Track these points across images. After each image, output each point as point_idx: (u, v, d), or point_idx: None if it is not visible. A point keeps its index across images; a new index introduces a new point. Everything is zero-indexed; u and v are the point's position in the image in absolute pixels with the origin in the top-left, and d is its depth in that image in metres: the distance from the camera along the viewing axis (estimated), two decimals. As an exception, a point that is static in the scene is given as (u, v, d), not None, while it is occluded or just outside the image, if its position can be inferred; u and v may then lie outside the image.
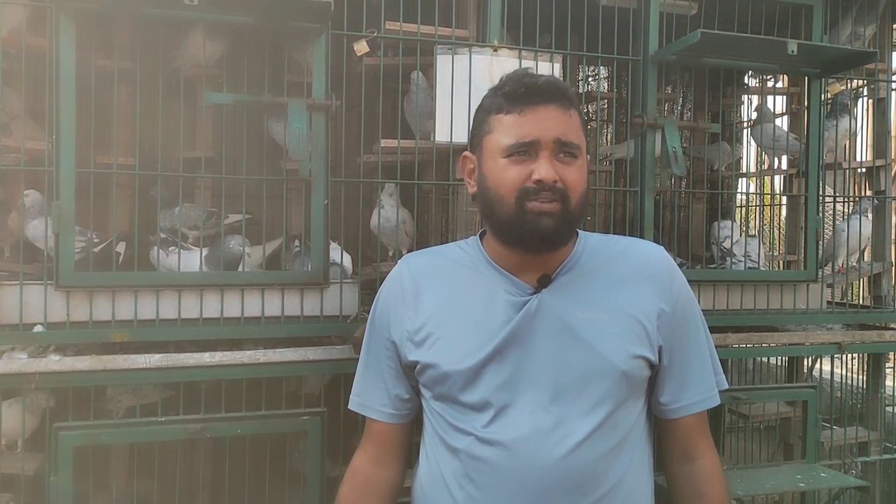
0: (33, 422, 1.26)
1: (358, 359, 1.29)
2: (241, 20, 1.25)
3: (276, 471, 1.35)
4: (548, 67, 1.40)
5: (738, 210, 2.02)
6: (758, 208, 2.04)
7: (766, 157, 1.85)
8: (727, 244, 1.66)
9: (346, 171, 1.44)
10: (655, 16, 1.43)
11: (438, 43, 1.36)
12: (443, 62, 1.35)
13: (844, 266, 1.65)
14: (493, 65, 1.37)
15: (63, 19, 1.16)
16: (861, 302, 1.79)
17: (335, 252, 1.36)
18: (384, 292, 0.87)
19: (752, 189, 2.13)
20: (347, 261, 1.36)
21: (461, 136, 1.36)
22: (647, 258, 0.82)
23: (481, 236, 0.86)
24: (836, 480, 1.44)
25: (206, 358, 1.23)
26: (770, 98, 1.97)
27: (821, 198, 1.60)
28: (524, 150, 0.75)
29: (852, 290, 1.81)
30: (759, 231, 1.95)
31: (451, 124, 1.34)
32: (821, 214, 1.54)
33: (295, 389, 1.53)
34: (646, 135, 1.45)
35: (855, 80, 1.71)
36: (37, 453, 1.28)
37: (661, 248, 0.85)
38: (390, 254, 1.45)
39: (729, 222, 1.74)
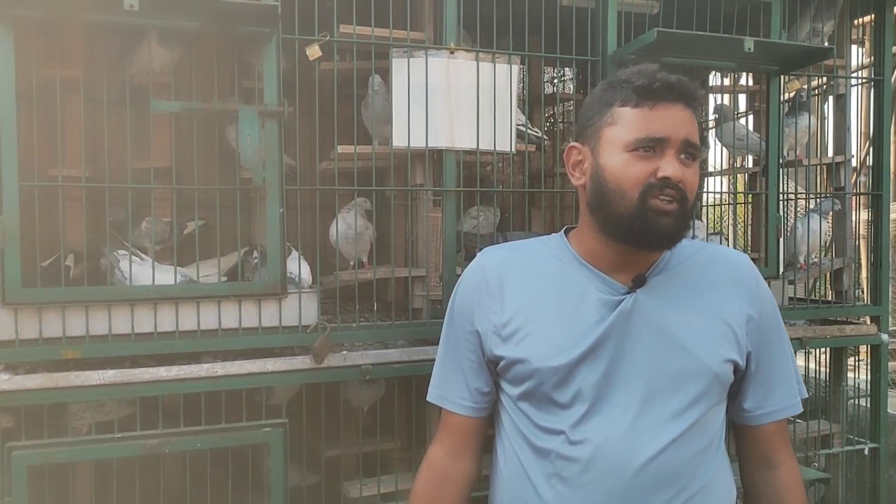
0: (-14, 442, 1.23)
1: (317, 370, 1.29)
2: (186, 25, 1.22)
3: (246, 482, 1.34)
4: (506, 69, 1.38)
5: (705, 209, 2.03)
6: (726, 207, 2.06)
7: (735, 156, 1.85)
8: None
9: (308, 178, 1.42)
10: (614, 15, 1.42)
11: (394, 46, 1.33)
12: (398, 65, 1.33)
13: (805, 263, 1.67)
14: (450, 67, 1.35)
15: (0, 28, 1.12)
16: (826, 298, 1.81)
17: (295, 262, 1.34)
18: (464, 284, 0.86)
19: (725, 188, 2.14)
20: (306, 270, 1.34)
21: (419, 141, 1.34)
22: (735, 265, 0.83)
23: (567, 232, 0.86)
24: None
25: (163, 372, 1.21)
26: (730, 96, 1.98)
27: (783, 195, 1.61)
28: (651, 147, 0.74)
29: (817, 286, 1.83)
30: (719, 229, 1.96)
31: (408, 128, 1.33)
32: (782, 212, 1.55)
33: (262, 401, 1.52)
34: (607, 135, 1.44)
35: (816, 77, 1.72)
36: (-8, 473, 1.25)
37: (746, 255, 0.87)
38: (351, 264, 1.44)
39: (699, 223, 1.74)
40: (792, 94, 1.67)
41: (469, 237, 1.50)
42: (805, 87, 1.66)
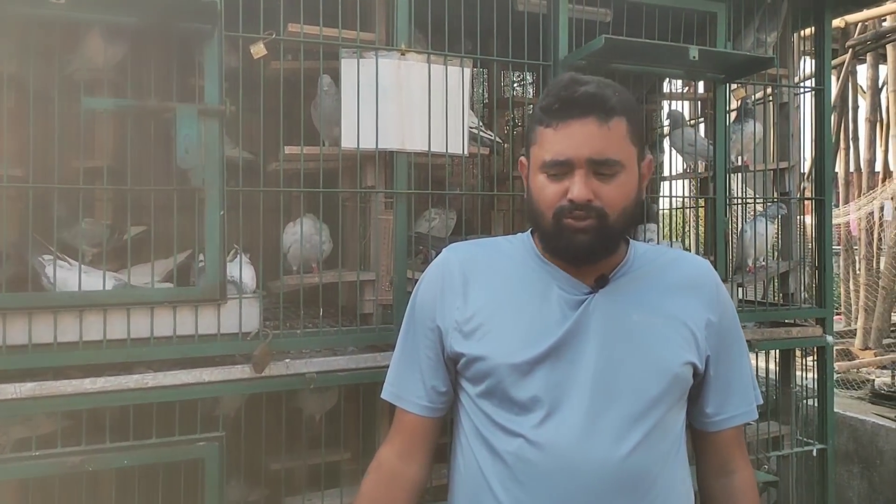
0: None
1: (258, 379, 1.23)
2: (121, 20, 1.16)
3: (188, 498, 1.26)
4: (458, 72, 1.37)
5: (662, 213, 2.06)
6: (681, 211, 2.09)
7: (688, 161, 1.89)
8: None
9: (253, 178, 1.37)
10: (565, 21, 1.43)
11: (343, 46, 1.31)
12: (348, 66, 1.30)
13: (754, 266, 1.71)
14: (402, 68, 1.34)
15: None
16: (775, 301, 1.85)
17: (237, 266, 1.28)
18: (427, 280, 0.84)
19: (685, 193, 2.18)
20: (248, 275, 1.29)
21: (369, 142, 1.31)
22: (696, 270, 0.83)
23: (532, 233, 0.85)
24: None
25: (87, 385, 1.13)
26: (689, 104, 2.03)
27: (737, 200, 1.64)
28: (560, 167, 0.73)
29: (768, 288, 1.87)
30: (671, 235, 1.99)
31: (357, 129, 1.30)
32: (739, 216, 1.58)
33: (208, 411, 1.45)
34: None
35: (764, 86, 1.77)
36: None
37: (708, 262, 0.87)
38: (294, 268, 1.39)
39: (653, 226, 1.76)
40: (739, 102, 1.72)
41: (421, 239, 1.47)
42: (750, 94, 1.71)
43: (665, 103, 2.04)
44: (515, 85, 2.11)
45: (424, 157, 1.37)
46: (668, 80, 1.98)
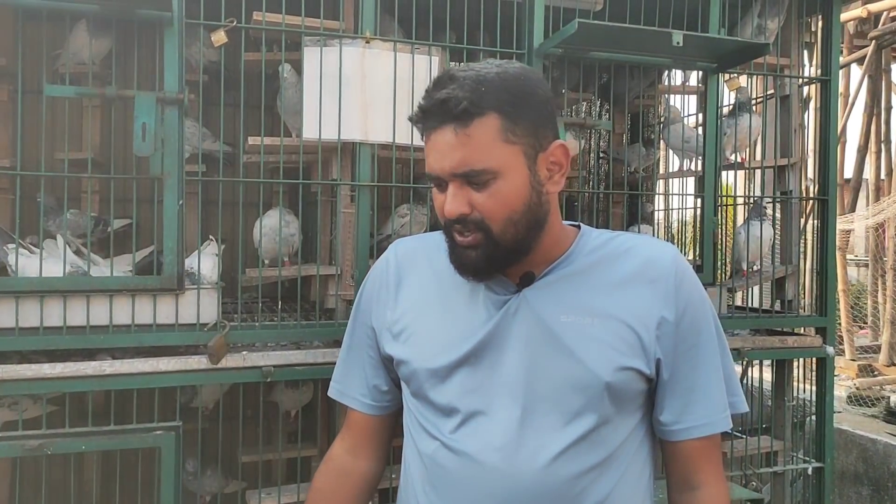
0: None
1: (214, 370, 1.22)
2: (83, 7, 1.17)
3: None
4: (426, 61, 1.32)
5: (657, 213, 1.96)
6: (677, 211, 1.98)
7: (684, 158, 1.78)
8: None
9: (219, 170, 1.37)
10: (540, 7, 1.36)
11: (305, 34, 1.28)
12: (311, 55, 1.28)
13: (747, 270, 1.59)
14: (366, 57, 1.30)
15: None
16: (773, 307, 1.73)
17: (206, 256, 1.28)
18: (370, 278, 0.83)
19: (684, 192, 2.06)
20: (208, 266, 1.28)
21: (332, 134, 1.28)
22: (652, 259, 0.72)
23: None
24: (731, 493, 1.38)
25: (46, 370, 1.15)
26: (694, 98, 1.92)
27: (733, 198, 1.53)
28: (436, 181, 0.69)
29: (766, 293, 1.75)
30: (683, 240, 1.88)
31: (319, 120, 1.27)
32: (718, 216, 1.48)
33: (187, 401, 1.47)
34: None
35: (764, 76, 1.65)
36: None
37: (673, 248, 0.76)
38: (266, 262, 1.38)
39: (646, 226, 1.67)
40: (736, 95, 1.60)
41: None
42: (743, 85, 1.59)
43: (664, 98, 1.93)
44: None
45: (394, 150, 1.33)
46: (667, 73, 1.87)
